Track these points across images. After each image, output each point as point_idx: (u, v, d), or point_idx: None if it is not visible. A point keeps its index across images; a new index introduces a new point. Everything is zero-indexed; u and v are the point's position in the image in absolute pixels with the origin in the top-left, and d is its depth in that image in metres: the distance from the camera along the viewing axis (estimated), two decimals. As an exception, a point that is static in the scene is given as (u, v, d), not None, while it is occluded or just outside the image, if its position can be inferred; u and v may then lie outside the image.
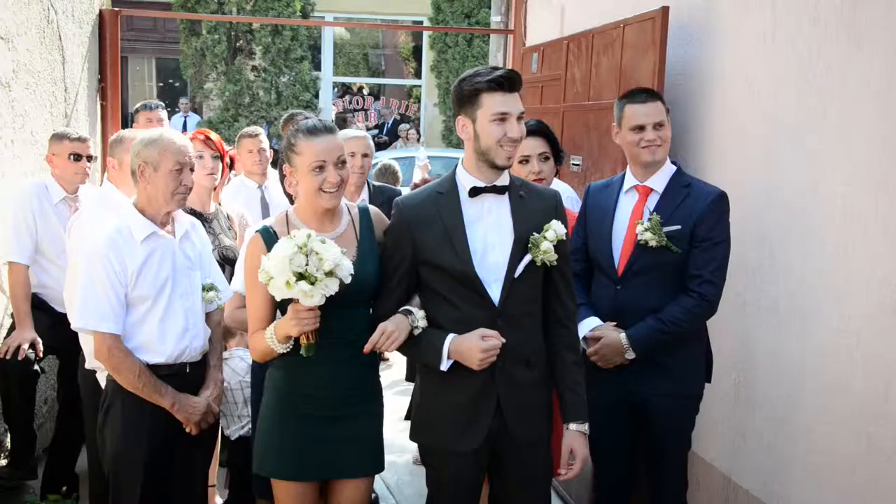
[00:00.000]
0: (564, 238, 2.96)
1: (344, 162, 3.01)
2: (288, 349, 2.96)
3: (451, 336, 2.90)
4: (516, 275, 2.92)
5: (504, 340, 2.86)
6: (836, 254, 3.31)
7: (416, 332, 2.93)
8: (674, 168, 3.52)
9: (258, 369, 3.72)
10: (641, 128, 3.42)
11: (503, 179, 2.97)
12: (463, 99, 2.91)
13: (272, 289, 2.78)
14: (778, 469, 3.64)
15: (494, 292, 2.92)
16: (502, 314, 2.92)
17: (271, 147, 6.21)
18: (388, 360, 8.12)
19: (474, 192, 2.94)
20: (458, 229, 2.92)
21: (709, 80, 4.19)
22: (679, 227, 3.37)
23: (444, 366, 2.90)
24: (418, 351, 2.99)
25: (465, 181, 2.97)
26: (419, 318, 2.94)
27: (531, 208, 2.98)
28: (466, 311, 2.92)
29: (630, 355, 3.38)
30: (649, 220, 3.39)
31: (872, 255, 3.12)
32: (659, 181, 3.49)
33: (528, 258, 2.93)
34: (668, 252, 3.37)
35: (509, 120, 2.85)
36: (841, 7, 3.29)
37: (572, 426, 3.03)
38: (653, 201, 3.47)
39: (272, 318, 3.02)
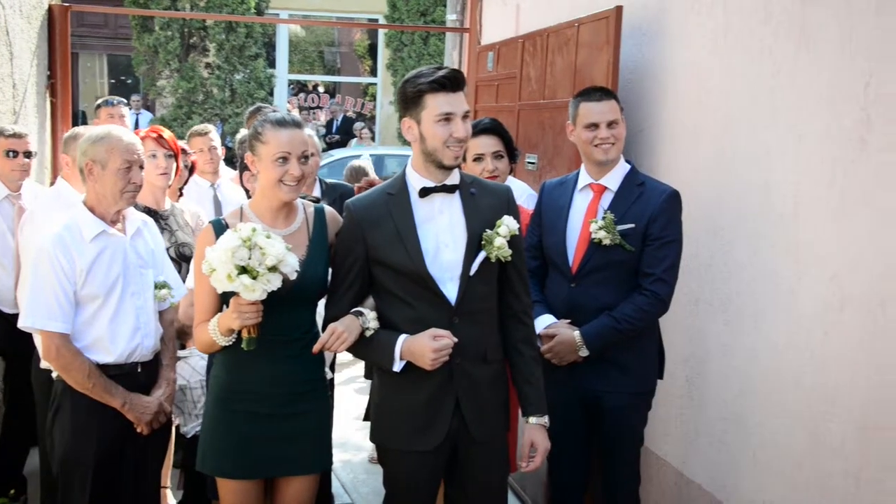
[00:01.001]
0: (517, 233, 2.97)
1: (307, 157, 3.01)
2: (230, 342, 2.95)
3: (402, 337, 2.89)
4: (472, 272, 2.92)
5: (456, 339, 2.86)
6: (786, 252, 3.36)
7: (368, 333, 2.92)
8: (628, 167, 3.55)
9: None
10: (595, 126, 3.45)
11: (453, 178, 2.97)
12: (407, 101, 2.90)
13: (214, 281, 2.76)
14: (729, 464, 3.69)
15: (450, 291, 2.92)
16: (459, 312, 2.92)
17: (224, 145, 6.15)
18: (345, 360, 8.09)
19: (424, 192, 2.94)
20: (410, 230, 2.91)
21: (662, 80, 4.22)
22: (632, 225, 3.40)
23: (397, 367, 2.90)
24: (370, 352, 2.98)
25: (415, 182, 2.96)
26: (370, 319, 2.93)
27: (483, 205, 2.98)
28: (422, 311, 2.92)
29: (584, 353, 3.40)
30: (603, 218, 3.41)
31: (822, 254, 3.17)
32: (613, 179, 3.51)
33: (482, 255, 2.93)
34: (622, 250, 3.40)
35: (454, 120, 2.85)
36: (790, 7, 3.33)
37: (532, 419, 3.06)
38: (607, 200, 3.50)
39: (217, 310, 3.01)
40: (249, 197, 3.57)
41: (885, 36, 2.88)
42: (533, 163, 5.19)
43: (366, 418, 5.51)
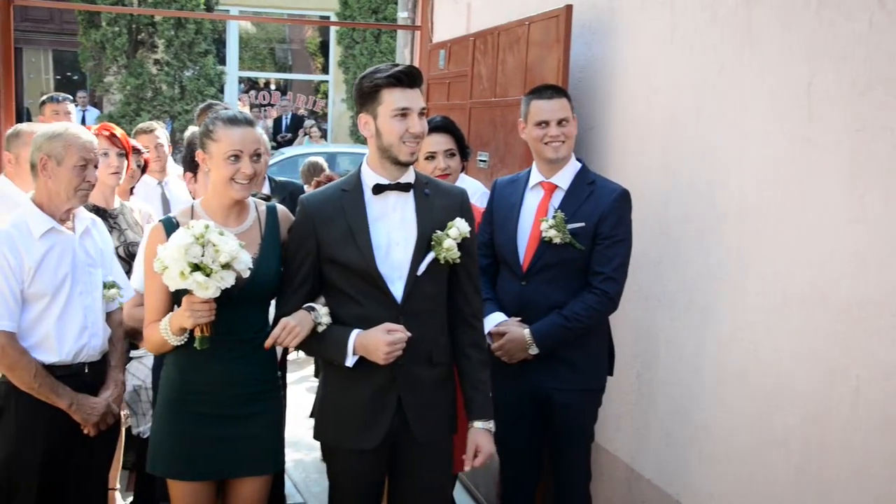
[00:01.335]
0: (469, 236, 2.96)
1: (259, 155, 2.99)
2: (182, 342, 2.92)
3: (356, 331, 2.88)
4: (419, 272, 2.92)
5: (410, 334, 2.85)
6: (731, 249, 3.41)
7: (320, 328, 2.91)
8: (579, 165, 3.57)
9: (159, 369, 3.65)
10: (546, 123, 3.47)
11: (408, 177, 2.96)
12: (364, 96, 2.90)
13: (166, 279, 2.73)
14: (678, 459, 3.74)
15: (397, 290, 2.92)
16: (404, 311, 2.91)
17: (173, 142, 6.09)
18: (301, 357, 8.05)
19: (378, 189, 2.93)
20: (362, 227, 2.91)
21: (611, 79, 4.26)
22: (583, 224, 3.42)
23: (350, 361, 2.88)
24: (323, 347, 2.96)
25: (369, 179, 2.95)
26: (322, 314, 2.92)
27: (436, 206, 2.98)
28: (369, 309, 2.91)
29: (534, 350, 3.42)
30: (554, 217, 3.43)
31: (766, 250, 3.22)
32: (564, 178, 3.53)
33: (431, 256, 2.93)
34: (572, 249, 3.42)
35: (410, 115, 2.85)
36: (735, 8, 3.38)
37: (477, 424, 3.04)
38: (558, 198, 3.52)
39: (168, 309, 2.97)
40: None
41: (826, 36, 2.94)
42: (485, 161, 5.21)
43: (312, 415, 5.49)
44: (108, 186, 4.11)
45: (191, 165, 3.65)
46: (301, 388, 7.18)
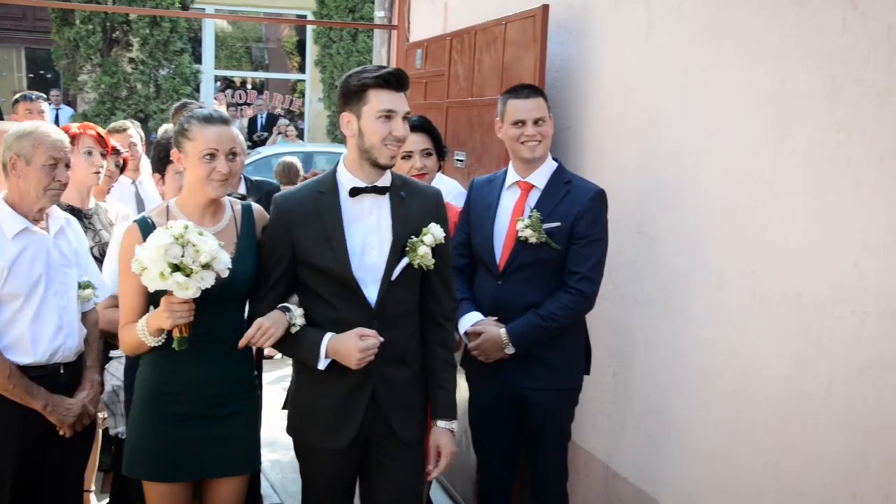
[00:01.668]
0: (443, 241, 2.96)
1: (235, 154, 2.98)
2: (160, 343, 2.90)
3: (329, 335, 2.88)
4: (393, 277, 2.92)
5: (382, 339, 2.86)
6: (703, 247, 3.43)
7: (294, 329, 2.91)
8: (555, 165, 3.58)
9: (131, 370, 3.63)
10: (522, 123, 3.47)
11: (384, 180, 2.96)
12: (349, 94, 2.88)
13: (145, 279, 2.71)
14: (653, 456, 3.75)
15: (371, 293, 2.92)
16: (379, 315, 2.91)
17: (148, 140, 6.05)
18: (273, 357, 8.01)
19: (354, 192, 2.93)
20: (337, 229, 2.90)
21: (587, 78, 4.28)
22: (559, 223, 3.43)
23: (322, 364, 2.89)
24: (296, 349, 2.96)
25: (346, 181, 2.95)
26: (297, 315, 2.91)
27: (411, 209, 2.97)
28: (343, 311, 2.91)
29: (510, 350, 3.42)
30: (530, 216, 3.44)
31: (737, 248, 3.24)
32: (540, 177, 3.54)
33: (405, 262, 2.93)
34: (548, 248, 3.43)
35: (395, 118, 2.84)
36: (708, 7, 3.40)
37: (440, 423, 3.05)
38: (534, 198, 3.52)
39: (144, 310, 2.95)
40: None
41: (798, 36, 2.96)
42: (461, 160, 5.21)
43: (285, 406, 5.46)
44: (86, 186, 4.09)
45: (159, 166, 3.62)
46: (277, 387, 7.14)
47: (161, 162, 3.60)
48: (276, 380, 7.29)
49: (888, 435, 2.61)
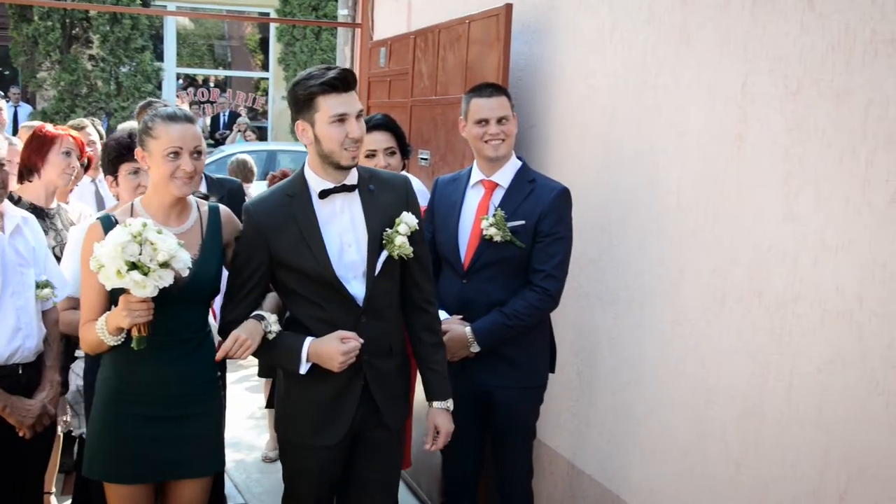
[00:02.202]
0: (418, 227, 2.99)
1: (200, 153, 2.95)
2: (119, 342, 2.86)
3: (308, 339, 2.89)
4: (376, 272, 2.94)
5: (363, 341, 2.88)
6: (670, 246, 3.45)
7: (270, 336, 2.91)
8: (519, 163, 3.59)
9: (91, 372, 3.58)
10: (486, 121, 3.47)
11: (351, 178, 2.97)
12: (299, 104, 2.87)
13: (102, 277, 2.67)
14: (618, 454, 3.78)
15: (356, 290, 2.94)
16: (366, 311, 2.94)
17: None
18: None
19: (324, 193, 2.93)
20: (314, 232, 2.90)
21: (551, 77, 4.29)
22: (523, 222, 3.44)
23: (303, 369, 2.90)
24: (275, 355, 2.97)
25: (314, 183, 2.95)
26: (272, 322, 2.91)
27: (382, 202, 2.99)
28: (331, 311, 2.93)
29: (475, 348, 3.43)
30: (494, 215, 3.44)
31: (703, 247, 3.27)
32: (504, 176, 3.54)
33: (385, 255, 2.95)
34: (513, 247, 3.43)
35: (349, 120, 2.83)
36: (672, 7, 3.42)
37: (436, 404, 3.14)
38: (498, 196, 3.53)
39: (105, 309, 2.91)
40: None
41: (760, 37, 2.99)
42: (426, 159, 5.20)
43: (268, 405, 5.45)
44: (54, 186, 4.13)
45: (110, 168, 3.57)
46: (241, 387, 7.10)
47: (112, 163, 3.54)
48: (240, 379, 7.25)
49: (846, 431, 2.65)
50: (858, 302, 2.61)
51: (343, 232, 2.94)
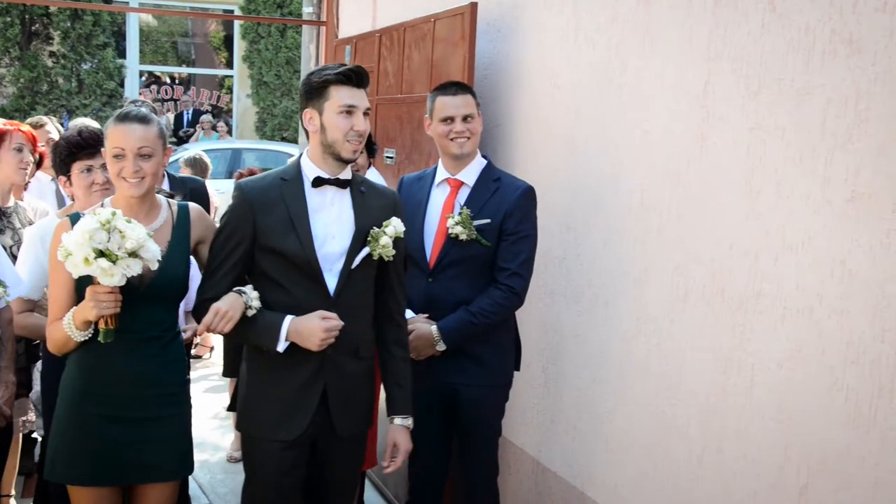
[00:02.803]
0: (402, 236, 3.05)
1: (149, 155, 2.91)
2: (87, 337, 2.83)
3: (289, 317, 2.90)
4: (353, 266, 2.97)
5: (343, 323, 2.90)
6: (634, 244, 3.48)
7: (250, 312, 2.90)
8: (484, 162, 3.60)
9: (48, 375, 3.54)
10: (451, 119, 3.48)
11: (346, 174, 3.03)
12: (311, 91, 2.95)
13: (69, 265, 2.65)
14: (583, 451, 3.80)
15: (330, 281, 2.96)
16: (337, 303, 2.95)
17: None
18: (208, 356, 7.92)
19: (318, 182, 2.98)
20: (302, 216, 2.95)
21: (516, 76, 4.30)
22: (489, 220, 3.45)
23: (281, 347, 2.90)
24: (253, 332, 2.94)
25: (310, 171, 3.00)
26: (253, 297, 2.90)
27: (372, 205, 3.06)
28: (301, 298, 2.93)
29: (441, 347, 3.43)
30: (460, 213, 3.45)
31: (666, 245, 3.29)
32: (470, 175, 3.55)
33: (365, 251, 2.99)
34: (478, 245, 3.44)
35: (356, 113, 2.92)
36: (636, 7, 3.45)
37: (397, 420, 3.15)
38: (464, 195, 3.54)
39: (72, 306, 2.88)
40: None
41: (723, 37, 3.02)
42: (391, 157, 5.20)
43: (230, 408, 5.41)
44: (10, 183, 4.05)
45: (63, 168, 3.52)
46: (205, 388, 7.05)
47: (63, 163, 3.48)
48: (200, 378, 7.19)
49: (807, 426, 2.68)
50: (818, 299, 2.64)
51: (329, 223, 2.99)
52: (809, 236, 2.68)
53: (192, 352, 7.86)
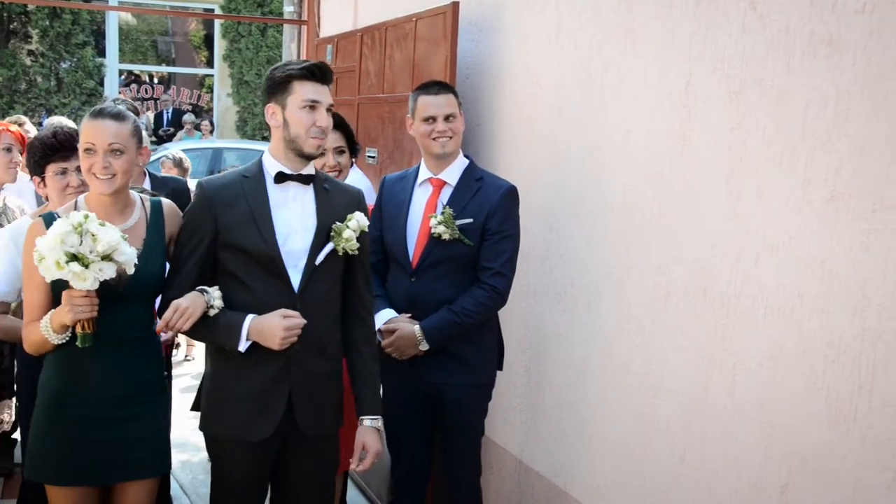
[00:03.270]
0: (366, 230, 3.01)
1: (121, 151, 2.88)
2: (64, 340, 2.81)
3: (250, 316, 2.86)
4: (317, 262, 2.94)
5: (305, 321, 2.86)
6: (616, 243, 3.48)
7: (212, 311, 2.86)
8: (466, 161, 3.60)
9: (24, 378, 3.51)
10: (433, 119, 3.48)
11: (309, 170, 3.00)
12: (274, 86, 2.92)
13: (43, 269, 2.63)
14: (565, 450, 3.80)
15: (294, 278, 2.93)
16: (302, 300, 2.92)
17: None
18: (191, 357, 7.88)
19: (280, 177, 2.95)
20: (264, 212, 2.91)
21: (498, 76, 4.30)
22: (471, 220, 3.45)
23: (243, 346, 2.86)
24: (214, 332, 2.90)
25: (272, 167, 2.97)
26: (215, 297, 2.87)
27: (335, 202, 3.02)
28: (265, 296, 2.90)
29: (424, 347, 3.42)
30: (442, 213, 3.45)
31: (649, 245, 3.30)
32: (452, 174, 3.55)
33: (329, 246, 2.96)
34: (461, 245, 3.44)
35: (319, 109, 2.90)
36: (617, 6, 3.45)
37: (367, 421, 3.07)
38: (446, 194, 3.53)
39: (49, 307, 2.85)
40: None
41: (704, 37, 3.03)
42: (373, 157, 5.19)
43: (194, 408, 5.37)
44: (0, 183, 4.04)
45: (37, 168, 3.48)
46: (187, 387, 7.01)
47: (38, 164, 3.43)
48: (179, 375, 7.15)
49: (787, 425, 2.70)
50: (799, 298, 2.66)
51: (292, 219, 2.95)
52: (790, 236, 2.69)
53: (183, 353, 7.84)
